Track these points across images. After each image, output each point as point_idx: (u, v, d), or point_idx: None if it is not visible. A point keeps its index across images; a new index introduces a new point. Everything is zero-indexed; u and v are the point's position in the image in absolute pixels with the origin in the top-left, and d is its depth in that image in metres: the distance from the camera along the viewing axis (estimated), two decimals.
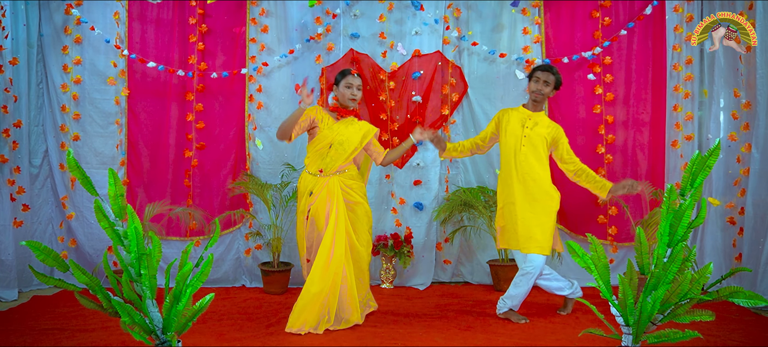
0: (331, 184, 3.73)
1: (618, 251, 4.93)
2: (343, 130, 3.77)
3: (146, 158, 5.04)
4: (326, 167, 3.74)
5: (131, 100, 5.03)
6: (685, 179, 2.53)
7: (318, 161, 3.77)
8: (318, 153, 3.78)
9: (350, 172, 3.81)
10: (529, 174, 3.82)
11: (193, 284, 2.46)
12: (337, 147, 3.74)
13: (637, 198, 4.78)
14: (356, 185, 3.82)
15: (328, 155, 3.74)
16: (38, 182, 4.97)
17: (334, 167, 3.74)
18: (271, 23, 5.05)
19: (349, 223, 3.76)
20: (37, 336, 3.54)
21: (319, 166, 3.76)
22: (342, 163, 3.75)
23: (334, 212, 3.69)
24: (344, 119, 3.83)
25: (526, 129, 3.83)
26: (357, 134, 3.80)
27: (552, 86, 3.89)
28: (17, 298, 4.54)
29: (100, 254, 4.92)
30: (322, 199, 3.71)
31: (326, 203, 3.70)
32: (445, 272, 5.10)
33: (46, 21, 4.96)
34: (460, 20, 5.06)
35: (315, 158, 3.79)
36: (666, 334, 2.39)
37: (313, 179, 3.76)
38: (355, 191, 3.80)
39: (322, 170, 3.75)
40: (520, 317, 3.88)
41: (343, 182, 3.76)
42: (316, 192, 3.72)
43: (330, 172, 3.74)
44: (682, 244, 2.46)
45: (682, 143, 4.92)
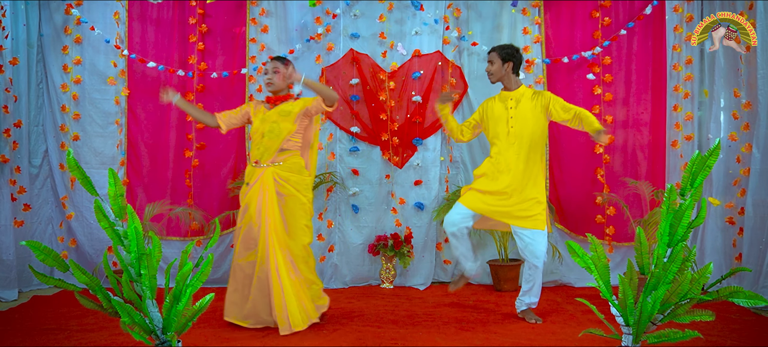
0: (265, 175, 3.66)
1: (614, 252, 4.93)
2: (274, 116, 3.71)
3: (146, 158, 5.04)
4: (261, 157, 3.68)
5: (131, 100, 5.03)
6: (685, 179, 2.53)
7: (254, 150, 3.73)
8: (254, 145, 3.75)
9: (288, 163, 3.69)
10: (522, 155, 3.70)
11: (193, 284, 2.46)
12: (268, 135, 3.67)
13: (637, 198, 4.78)
14: (294, 178, 3.69)
15: (262, 145, 3.68)
16: (38, 182, 4.97)
17: (268, 157, 3.66)
18: (271, 23, 5.05)
19: (280, 217, 3.65)
20: (37, 336, 3.54)
21: (255, 156, 3.71)
22: (276, 152, 3.65)
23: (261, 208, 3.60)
24: (277, 107, 3.75)
25: (511, 109, 3.76)
26: (290, 116, 3.69)
27: (499, 62, 3.79)
28: (17, 298, 4.54)
29: (100, 254, 4.92)
30: (256, 189, 3.65)
31: (258, 193, 3.63)
32: (445, 272, 5.10)
33: (46, 21, 4.97)
34: (460, 20, 5.06)
35: (253, 149, 3.76)
36: (666, 334, 2.39)
37: (251, 169, 3.74)
38: (289, 184, 3.67)
39: (258, 161, 3.69)
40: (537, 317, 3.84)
41: (277, 173, 3.67)
42: (252, 183, 3.68)
43: (265, 162, 3.67)
44: (682, 244, 2.46)
45: (682, 143, 4.92)
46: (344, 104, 5.00)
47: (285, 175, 3.69)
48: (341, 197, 5.02)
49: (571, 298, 4.44)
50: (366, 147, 5.02)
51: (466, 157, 5.10)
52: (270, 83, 3.75)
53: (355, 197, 4.99)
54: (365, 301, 4.42)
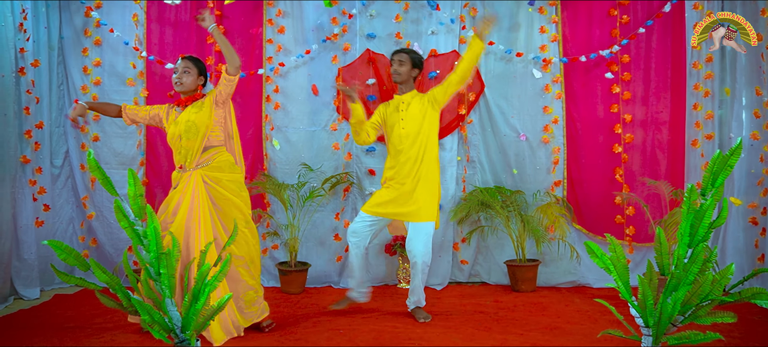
0: (193, 178, 3.44)
1: (634, 252, 4.88)
2: (186, 116, 3.49)
3: (164, 158, 5.09)
4: (186, 162, 3.48)
5: (150, 101, 5.08)
6: (706, 178, 2.50)
7: (177, 156, 3.53)
8: (175, 150, 3.53)
9: (216, 162, 3.49)
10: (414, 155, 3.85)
11: (211, 283, 2.48)
12: (186, 135, 3.45)
13: (657, 198, 4.73)
14: (225, 177, 3.51)
15: (183, 147, 3.47)
16: (59, 183, 5.04)
17: (192, 158, 3.46)
18: (287, 24, 5.07)
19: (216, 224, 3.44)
20: (58, 334, 3.60)
21: (179, 161, 3.51)
22: (199, 152, 3.46)
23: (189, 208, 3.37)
24: (189, 107, 3.54)
25: (402, 112, 3.91)
26: (202, 111, 3.49)
27: (409, 65, 3.97)
28: (39, 296, 4.61)
29: (120, 253, 4.98)
30: (178, 192, 3.44)
31: (180, 194, 3.42)
32: (461, 272, 5.08)
33: (66, 23, 5.04)
34: (477, 20, 5.04)
35: (175, 155, 3.54)
36: (687, 336, 2.36)
37: (178, 173, 3.53)
38: (221, 185, 3.48)
39: (183, 166, 3.50)
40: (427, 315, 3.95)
41: (207, 174, 3.46)
42: (180, 187, 3.46)
43: (191, 166, 3.47)
44: (703, 244, 2.43)
45: (703, 142, 4.85)
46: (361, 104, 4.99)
47: (215, 176, 3.48)
48: (358, 197, 5.03)
49: (589, 299, 4.41)
50: (382, 147, 5.01)
51: (483, 157, 5.08)
52: (179, 83, 3.53)
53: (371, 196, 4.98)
54: (382, 301, 4.43)
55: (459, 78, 3.88)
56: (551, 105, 4.98)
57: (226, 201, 3.50)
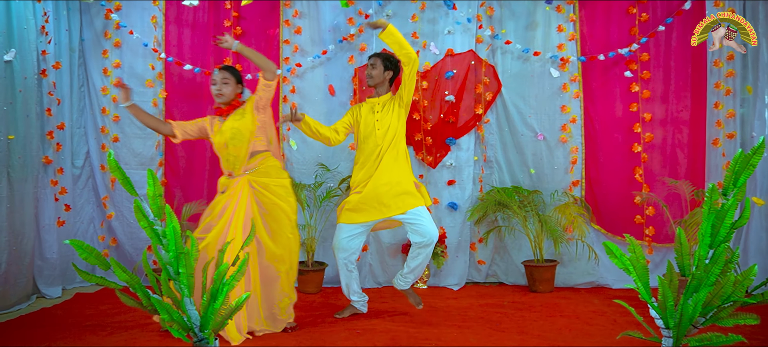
0: (241, 184, 3.52)
1: (654, 253, 4.82)
2: (230, 124, 3.57)
3: (183, 158, 5.14)
4: (233, 169, 3.57)
5: (168, 102, 5.13)
6: (727, 178, 2.46)
7: (225, 164, 3.61)
8: (223, 158, 3.61)
9: (264, 168, 3.57)
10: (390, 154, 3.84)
11: (229, 283, 2.49)
12: (231, 143, 3.54)
13: (677, 198, 4.67)
14: (273, 183, 3.57)
15: (230, 154, 3.56)
16: (80, 183, 5.11)
17: (239, 165, 3.55)
18: (304, 25, 5.09)
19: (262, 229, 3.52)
20: (80, 333, 3.64)
21: (228, 168, 3.59)
22: (246, 157, 3.53)
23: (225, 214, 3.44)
24: (232, 115, 3.61)
25: (377, 113, 3.90)
26: (244, 117, 3.57)
27: (381, 68, 3.95)
28: (61, 295, 4.68)
29: (139, 252, 5.04)
30: (225, 196, 3.50)
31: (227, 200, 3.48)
32: (479, 272, 5.06)
33: (87, 26, 5.10)
34: (494, 19, 5.02)
35: (222, 162, 3.62)
36: (708, 338, 2.32)
37: (227, 179, 3.60)
38: (269, 191, 3.54)
39: (231, 173, 3.58)
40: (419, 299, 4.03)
41: (254, 180, 3.53)
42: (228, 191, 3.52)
43: (239, 173, 3.55)
44: (725, 245, 2.39)
45: (724, 141, 4.78)
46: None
47: (263, 181, 3.55)
48: None
49: (608, 300, 4.37)
50: None
51: (500, 156, 5.05)
52: (220, 95, 3.59)
53: None
54: (399, 301, 4.42)
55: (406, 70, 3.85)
56: (569, 104, 4.94)
57: (274, 206, 3.57)
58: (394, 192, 3.77)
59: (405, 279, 3.94)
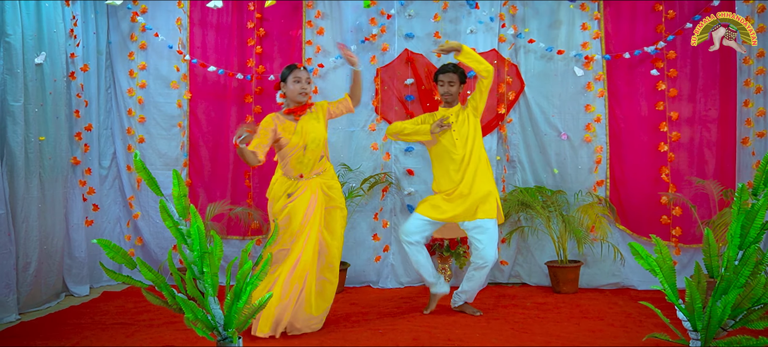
0: (312, 186, 3.60)
1: (681, 254, 4.74)
2: (310, 126, 3.62)
3: (207, 159, 5.20)
4: (305, 171, 3.61)
5: (193, 103, 5.19)
6: (757, 177, 2.41)
7: (296, 166, 3.61)
8: (295, 159, 3.60)
9: (329, 171, 3.72)
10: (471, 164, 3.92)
11: (253, 282, 2.51)
12: (311, 146, 3.59)
13: (704, 198, 4.59)
14: (336, 186, 3.72)
15: (306, 158, 3.60)
16: (107, 183, 5.20)
17: (311, 168, 3.62)
18: (326, 25, 5.11)
19: (324, 228, 3.64)
20: (107, 330, 3.71)
21: (299, 171, 3.61)
22: (318, 162, 3.64)
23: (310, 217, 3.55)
24: (304, 116, 3.66)
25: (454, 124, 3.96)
26: (320, 123, 3.69)
27: (458, 83, 4.05)
28: (89, 293, 4.77)
29: (164, 252, 5.10)
30: (304, 199, 3.56)
31: (307, 203, 3.56)
32: (501, 273, 5.03)
33: (113, 29, 5.19)
34: (516, 17, 4.98)
35: (293, 164, 3.61)
36: (738, 341, 2.28)
37: (292, 182, 3.61)
38: (335, 193, 3.69)
39: (303, 175, 3.62)
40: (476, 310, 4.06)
41: (324, 183, 3.65)
42: (297, 194, 3.57)
43: (309, 175, 3.62)
44: (755, 246, 2.34)
45: (754, 140, 4.68)
46: (399, 104, 5.01)
47: (331, 183, 3.69)
48: (396, 197, 5.03)
49: (634, 301, 4.30)
50: (421, 147, 5.00)
51: (523, 156, 5.01)
52: (305, 94, 3.65)
53: (410, 197, 4.98)
54: (421, 301, 4.41)
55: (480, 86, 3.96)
56: (593, 103, 4.88)
57: (336, 209, 3.71)
58: (472, 199, 3.87)
59: (458, 297, 4.07)
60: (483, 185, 3.92)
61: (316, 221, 3.58)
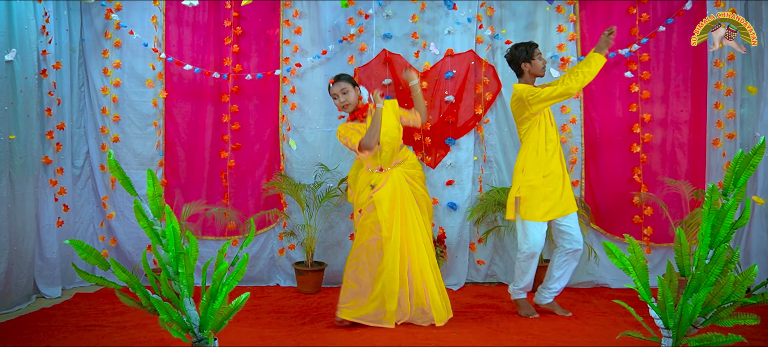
0: (394, 176, 3.76)
1: (653, 253, 4.82)
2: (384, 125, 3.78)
3: (183, 158, 5.14)
4: (384, 163, 3.79)
5: (168, 102, 5.13)
6: (727, 178, 2.46)
7: (373, 160, 3.81)
8: (370, 158, 3.81)
9: (410, 159, 3.86)
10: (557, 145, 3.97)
11: (228, 283, 2.49)
12: (385, 146, 3.76)
13: (676, 198, 4.67)
14: (418, 175, 3.86)
15: (383, 154, 3.78)
16: (80, 183, 5.11)
17: (391, 161, 3.79)
18: (304, 25, 5.09)
19: (418, 216, 3.79)
20: (79, 333, 3.65)
21: (378, 164, 3.80)
22: (395, 153, 3.80)
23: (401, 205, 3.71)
24: (369, 117, 3.85)
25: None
26: (392, 121, 3.82)
27: None
28: (61, 295, 4.68)
29: (139, 252, 5.04)
30: (388, 189, 3.72)
31: (392, 192, 3.72)
32: (478, 272, 5.06)
33: (87, 26, 5.11)
34: (494, 19, 5.02)
35: (370, 160, 3.82)
36: (708, 338, 2.32)
37: (374, 174, 3.79)
38: (417, 182, 3.84)
39: (382, 168, 3.79)
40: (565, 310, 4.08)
41: (406, 172, 3.81)
42: (380, 185, 3.74)
43: (389, 166, 3.79)
44: (725, 245, 2.39)
45: (724, 141, 4.78)
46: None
47: (412, 172, 3.85)
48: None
49: (608, 300, 4.36)
50: None
51: (499, 156, 5.05)
52: (347, 105, 3.85)
53: None
54: None
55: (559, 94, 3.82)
56: (569, 104, 4.94)
57: (422, 197, 3.89)
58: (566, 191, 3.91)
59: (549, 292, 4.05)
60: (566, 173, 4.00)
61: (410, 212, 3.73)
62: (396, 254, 3.63)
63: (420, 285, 3.69)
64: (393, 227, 3.65)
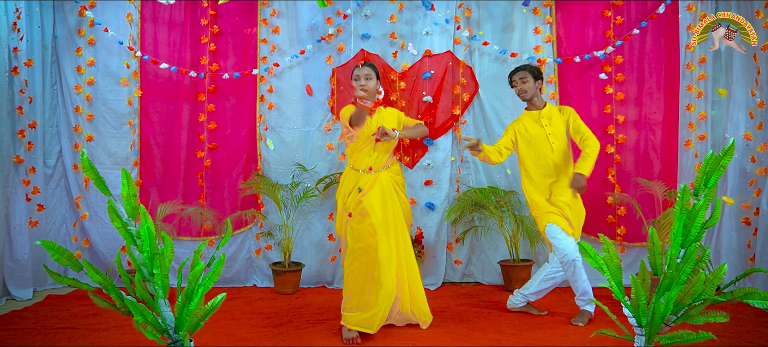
0: (382, 178, 3.68)
1: (626, 252, 4.90)
2: (381, 122, 3.70)
3: (159, 158, 5.08)
4: (375, 164, 3.69)
5: (144, 101, 5.06)
6: (698, 179, 2.50)
7: (365, 159, 3.69)
8: (364, 153, 3.69)
9: (396, 166, 3.80)
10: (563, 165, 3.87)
11: (204, 283, 2.47)
12: (382, 142, 3.67)
13: (650, 198, 4.75)
14: (402, 183, 3.80)
15: (374, 153, 3.69)
16: (52, 183, 5.02)
17: (381, 163, 3.70)
18: (282, 24, 5.07)
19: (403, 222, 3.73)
20: (51, 335, 3.58)
21: (368, 164, 3.69)
22: (388, 157, 3.73)
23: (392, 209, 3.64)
24: (377, 112, 3.74)
25: (546, 127, 3.88)
26: (393, 122, 3.76)
27: (531, 81, 3.92)
28: (32, 297, 4.59)
29: (113, 253, 4.96)
30: (376, 192, 3.63)
31: (380, 196, 3.63)
32: (455, 272, 5.09)
33: (60, 23, 5.02)
34: (471, 20, 5.05)
35: (364, 156, 3.70)
36: (679, 335, 2.36)
37: (362, 175, 3.69)
38: (401, 189, 3.77)
39: (372, 168, 3.69)
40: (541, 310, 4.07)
41: (393, 178, 3.73)
42: (367, 188, 3.65)
43: (378, 168, 3.69)
44: (696, 244, 2.43)
45: (696, 142, 4.87)
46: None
47: (398, 179, 3.78)
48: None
49: None
50: None
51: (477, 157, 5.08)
52: (366, 90, 3.61)
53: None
54: None
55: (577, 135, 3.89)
56: None
57: (405, 204, 3.78)
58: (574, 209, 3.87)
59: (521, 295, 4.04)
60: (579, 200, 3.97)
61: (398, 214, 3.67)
62: (393, 259, 3.55)
63: (407, 290, 3.64)
64: (389, 232, 3.58)
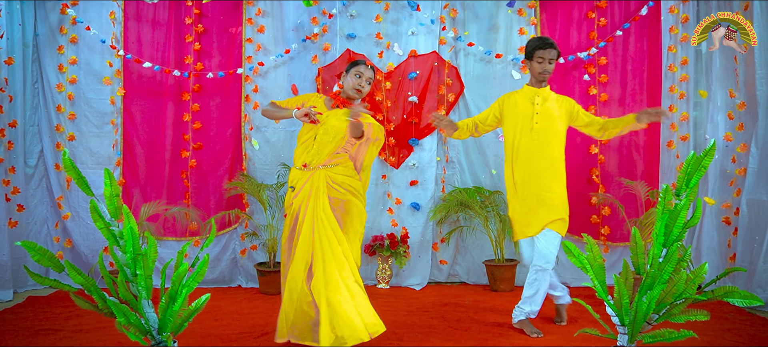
0: (315, 178, 3.28)
1: (610, 252, 4.94)
2: (332, 120, 3.31)
3: (142, 158, 5.03)
4: (311, 160, 3.30)
5: (127, 100, 5.01)
6: (680, 179, 2.53)
7: (303, 154, 3.34)
8: (304, 146, 3.35)
9: (341, 167, 3.31)
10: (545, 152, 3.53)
11: (189, 284, 2.45)
12: (321, 137, 3.28)
13: (633, 198, 4.79)
14: (347, 182, 3.31)
15: (313, 147, 3.30)
16: (33, 183, 4.95)
17: (319, 160, 3.28)
18: (267, 23, 5.05)
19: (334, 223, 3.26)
20: (32, 337, 3.53)
21: (304, 159, 3.32)
22: (329, 155, 3.28)
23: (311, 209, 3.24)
24: (338, 110, 3.37)
25: (537, 106, 3.54)
26: (340, 121, 3.30)
27: (556, 61, 3.59)
28: (12, 299, 4.53)
29: (95, 254, 4.91)
30: (305, 193, 3.27)
31: (308, 198, 3.26)
32: (441, 272, 5.10)
33: (41, 20, 4.95)
34: (457, 21, 5.07)
35: (301, 151, 3.35)
36: (661, 334, 2.39)
37: (298, 173, 3.34)
38: (342, 186, 3.29)
39: (307, 164, 3.31)
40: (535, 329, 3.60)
41: (329, 176, 3.28)
42: (299, 187, 3.30)
43: (315, 165, 3.29)
44: (678, 244, 2.46)
45: (678, 143, 4.93)
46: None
47: (338, 178, 3.30)
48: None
49: None
50: None
51: (462, 157, 5.10)
52: (360, 91, 3.37)
53: None
54: None
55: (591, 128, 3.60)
56: None
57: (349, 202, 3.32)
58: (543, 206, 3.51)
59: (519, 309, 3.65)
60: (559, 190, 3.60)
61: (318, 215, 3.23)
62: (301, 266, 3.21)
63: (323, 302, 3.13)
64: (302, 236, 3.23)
